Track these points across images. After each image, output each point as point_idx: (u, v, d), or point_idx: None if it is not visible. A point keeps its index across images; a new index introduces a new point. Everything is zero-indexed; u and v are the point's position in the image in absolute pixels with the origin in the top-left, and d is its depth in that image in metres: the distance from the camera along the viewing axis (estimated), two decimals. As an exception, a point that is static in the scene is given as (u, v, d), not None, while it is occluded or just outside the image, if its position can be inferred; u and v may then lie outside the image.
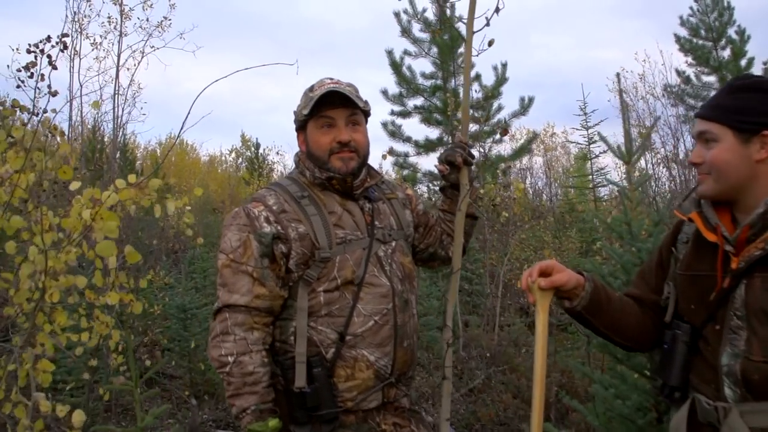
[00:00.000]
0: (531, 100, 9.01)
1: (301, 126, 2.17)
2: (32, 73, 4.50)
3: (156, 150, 30.96)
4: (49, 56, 4.47)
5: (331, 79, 2.16)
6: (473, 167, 2.35)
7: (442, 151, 2.37)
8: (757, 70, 13.38)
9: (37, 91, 4.84)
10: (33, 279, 2.10)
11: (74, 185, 2.30)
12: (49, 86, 4.70)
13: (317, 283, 2.03)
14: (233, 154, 32.87)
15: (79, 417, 2.06)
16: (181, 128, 2.36)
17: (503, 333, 7.01)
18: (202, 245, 7.75)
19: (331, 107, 2.08)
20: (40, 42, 4.41)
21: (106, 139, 17.18)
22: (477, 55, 2.28)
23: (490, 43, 2.28)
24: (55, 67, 4.24)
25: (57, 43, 4.54)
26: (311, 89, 2.14)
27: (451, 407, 5.17)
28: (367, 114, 2.20)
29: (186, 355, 5.55)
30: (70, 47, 12.00)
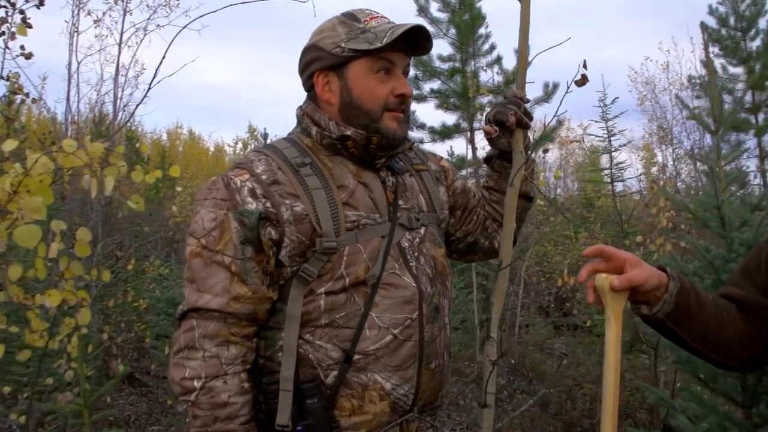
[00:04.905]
0: (556, 86, 8.46)
1: (335, 65, 1.57)
2: (2, 32, 3.99)
3: (162, 138, 30.65)
4: (22, 11, 3.97)
5: (376, 12, 1.62)
6: (529, 131, 1.81)
7: (489, 109, 1.84)
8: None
9: (7, 51, 4.27)
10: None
11: (8, 144, 1.75)
12: (22, 47, 4.17)
13: (317, 283, 1.50)
14: (240, 144, 32.40)
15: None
16: (149, 88, 1.84)
17: (524, 334, 6.46)
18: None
19: (394, 49, 1.54)
20: (11, -6, 3.92)
21: (109, 123, 16.69)
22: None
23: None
24: (29, 26, 3.74)
25: (33, -4, 4.06)
26: (354, 18, 1.57)
27: (466, 418, 4.64)
28: None
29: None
30: (69, 23, 11.51)
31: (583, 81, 1.51)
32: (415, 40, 1.58)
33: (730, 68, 13.95)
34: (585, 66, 1.48)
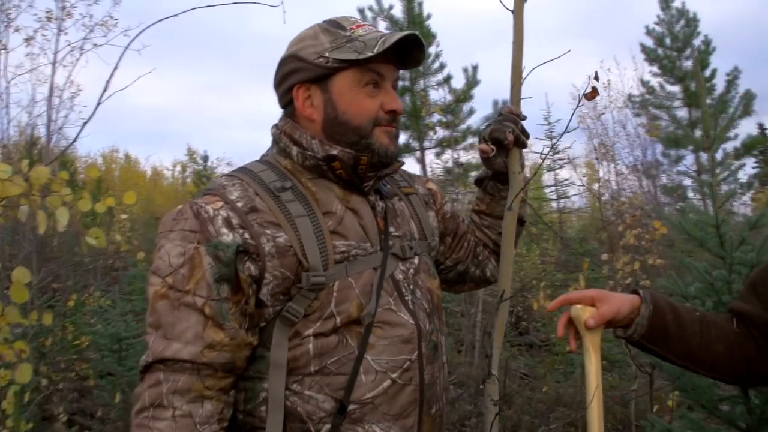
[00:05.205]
0: (505, 103, 8.48)
1: (317, 77, 1.39)
2: None
3: (98, 162, 29.70)
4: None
5: (362, 20, 1.48)
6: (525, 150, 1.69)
7: (483, 126, 1.70)
8: (720, 81, 13.40)
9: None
10: None
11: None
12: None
13: (304, 324, 1.31)
14: (179, 167, 31.62)
15: None
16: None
17: (483, 357, 6.35)
18: (143, 261, 6.83)
19: (383, 61, 1.38)
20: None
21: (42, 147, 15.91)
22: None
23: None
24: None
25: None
26: (339, 26, 1.40)
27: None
28: None
29: (124, 394, 4.62)
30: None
31: (593, 94, 1.39)
32: (406, 51, 1.42)
33: (667, 86, 14.50)
34: (597, 78, 1.36)
